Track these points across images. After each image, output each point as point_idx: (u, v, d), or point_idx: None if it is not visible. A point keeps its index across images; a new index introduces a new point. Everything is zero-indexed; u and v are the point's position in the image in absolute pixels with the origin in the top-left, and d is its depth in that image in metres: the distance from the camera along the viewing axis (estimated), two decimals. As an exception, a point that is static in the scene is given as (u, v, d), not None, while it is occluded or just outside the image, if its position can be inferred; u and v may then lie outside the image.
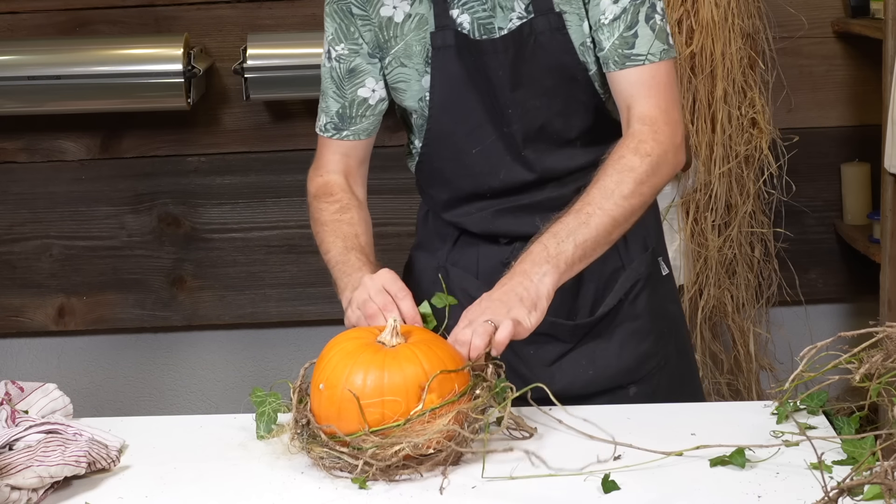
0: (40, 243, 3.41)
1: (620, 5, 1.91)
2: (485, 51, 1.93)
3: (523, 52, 1.92)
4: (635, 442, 1.66)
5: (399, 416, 1.59)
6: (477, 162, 1.98)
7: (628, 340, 2.01)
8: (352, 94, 2.01)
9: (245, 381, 3.47)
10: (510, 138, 1.95)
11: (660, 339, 2.05)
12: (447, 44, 1.93)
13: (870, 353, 1.61)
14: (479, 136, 1.96)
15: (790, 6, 3.28)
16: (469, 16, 1.93)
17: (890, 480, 1.33)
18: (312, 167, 2.09)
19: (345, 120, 2.03)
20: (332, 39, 2.00)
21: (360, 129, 2.04)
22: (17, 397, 1.78)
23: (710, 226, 3.21)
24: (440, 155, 2.00)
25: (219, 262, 3.42)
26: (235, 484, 1.61)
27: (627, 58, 1.91)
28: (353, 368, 1.62)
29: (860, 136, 3.36)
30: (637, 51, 1.91)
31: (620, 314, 2.01)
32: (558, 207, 1.91)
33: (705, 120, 3.16)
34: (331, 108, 2.03)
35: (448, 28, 1.93)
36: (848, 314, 3.51)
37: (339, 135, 2.04)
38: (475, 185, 1.99)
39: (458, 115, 1.96)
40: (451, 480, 1.59)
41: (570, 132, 1.97)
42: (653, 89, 1.91)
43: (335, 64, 2.01)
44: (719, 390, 3.31)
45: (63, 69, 3.15)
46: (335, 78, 2.02)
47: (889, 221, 2.92)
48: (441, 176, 2.03)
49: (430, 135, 1.99)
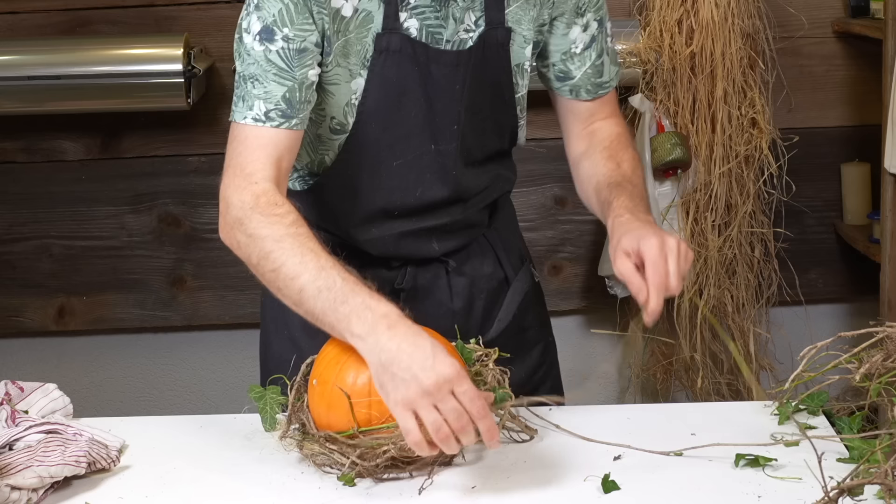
0: (40, 243, 3.41)
1: (589, 33, 1.91)
2: (443, 62, 1.82)
3: (477, 67, 1.84)
4: (635, 442, 1.66)
5: (387, 415, 1.59)
6: (395, 176, 1.85)
7: (520, 353, 1.98)
8: (302, 75, 1.74)
9: (245, 381, 3.47)
10: (439, 155, 1.85)
11: (545, 348, 2.06)
12: (392, 48, 1.78)
13: (870, 353, 1.61)
14: (404, 148, 1.84)
15: (790, 6, 3.28)
16: (418, 21, 1.79)
17: (890, 480, 1.33)
18: (232, 174, 1.74)
19: (293, 105, 1.74)
20: (277, 21, 1.74)
21: (305, 118, 1.77)
22: (17, 397, 1.78)
23: (710, 226, 3.21)
24: (357, 164, 1.85)
25: (219, 262, 3.42)
26: (235, 484, 1.61)
27: (600, 87, 1.95)
28: (344, 366, 1.62)
29: (860, 136, 3.36)
30: (605, 79, 1.95)
31: (511, 328, 1.99)
32: (457, 231, 1.92)
33: (705, 120, 3.16)
34: (273, 93, 1.73)
35: (395, 32, 1.78)
36: (848, 314, 3.51)
37: (288, 123, 1.74)
38: (387, 201, 1.86)
39: (388, 123, 1.82)
40: (452, 481, 1.59)
41: (483, 152, 1.92)
42: (615, 109, 2.00)
43: (282, 44, 1.73)
44: (719, 390, 3.31)
45: (63, 69, 3.15)
46: (280, 59, 1.73)
47: (889, 221, 2.92)
48: (350, 189, 1.86)
49: (351, 142, 1.83)
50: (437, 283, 1.96)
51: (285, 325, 1.95)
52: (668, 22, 3.12)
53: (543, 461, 1.64)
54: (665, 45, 3.12)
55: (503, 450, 1.67)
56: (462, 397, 1.50)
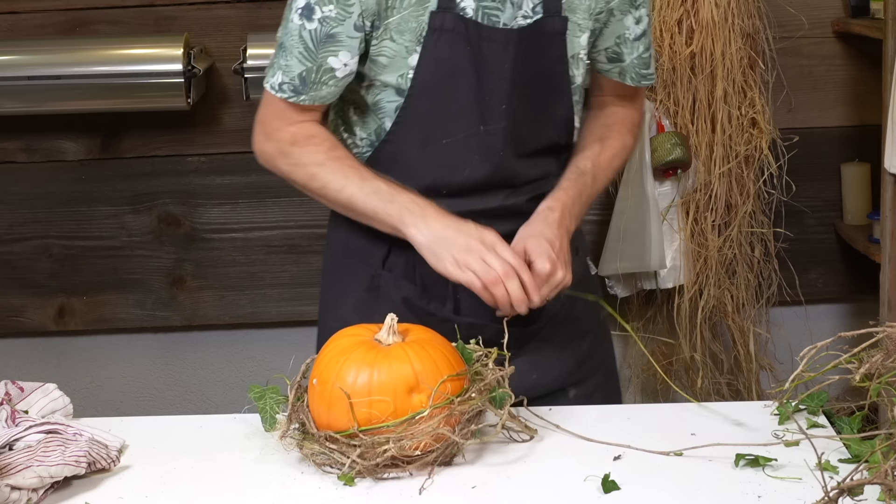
0: (40, 243, 3.41)
1: (641, 26, 1.98)
2: (494, 39, 1.87)
3: (530, 50, 1.89)
4: (635, 442, 1.66)
5: (387, 415, 1.59)
6: (444, 154, 1.91)
7: (567, 343, 2.02)
8: (322, 59, 1.86)
9: (245, 381, 3.47)
10: (487, 136, 1.90)
11: (596, 339, 2.08)
12: (446, 27, 1.85)
13: (870, 353, 1.61)
14: (454, 127, 1.90)
15: (790, 6, 3.28)
16: (475, 2, 1.86)
17: (890, 480, 1.33)
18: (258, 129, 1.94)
19: (306, 84, 1.88)
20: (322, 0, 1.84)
21: (319, 96, 1.90)
22: (17, 397, 1.78)
23: (710, 226, 3.21)
24: (408, 139, 1.91)
25: (219, 262, 3.42)
26: (235, 484, 1.61)
27: (644, 77, 2.05)
28: (344, 365, 1.63)
29: (860, 136, 3.36)
30: (650, 71, 2.05)
31: (560, 318, 2.01)
32: (506, 217, 1.92)
33: (705, 120, 3.16)
34: (292, 68, 1.87)
35: (450, 11, 1.84)
36: (848, 314, 3.51)
37: (296, 97, 1.89)
38: (436, 178, 1.91)
39: (438, 101, 1.89)
40: (451, 481, 1.59)
41: (538, 142, 1.96)
42: (643, 100, 2.15)
43: (316, 25, 1.84)
44: (719, 390, 3.31)
45: (63, 69, 3.15)
46: (310, 38, 1.85)
47: (889, 221, 2.92)
48: (402, 164, 1.93)
49: (403, 115, 1.90)
50: None
51: (339, 305, 2.03)
52: (668, 22, 3.12)
53: (543, 461, 1.64)
54: (665, 45, 3.12)
55: (503, 450, 1.67)
56: (504, 254, 1.79)
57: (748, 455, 1.60)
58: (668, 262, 3.20)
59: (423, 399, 1.61)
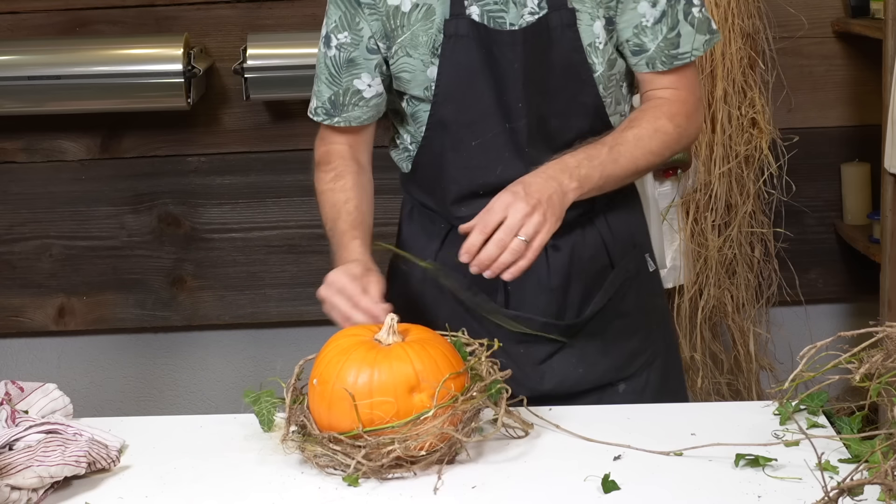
0: (40, 243, 3.41)
1: (659, 8, 1.94)
2: (501, 41, 1.91)
3: (537, 46, 1.91)
4: (635, 442, 1.66)
5: (390, 415, 1.59)
6: (475, 155, 1.96)
7: (617, 338, 2.02)
8: (347, 82, 2.01)
9: (245, 381, 3.47)
10: (512, 133, 1.94)
11: (648, 335, 2.06)
12: (460, 33, 1.91)
13: (870, 353, 1.61)
14: (482, 128, 1.95)
15: (790, 6, 3.28)
16: (479, 8, 1.91)
17: (890, 480, 1.33)
18: (318, 136, 2.11)
19: (336, 107, 2.03)
20: (335, 27, 1.98)
21: (352, 117, 2.03)
22: (17, 397, 1.78)
23: (710, 226, 3.21)
24: (440, 144, 1.98)
25: (219, 262, 3.42)
26: (235, 484, 1.61)
27: (675, 58, 1.97)
28: (345, 365, 1.63)
29: (860, 136, 3.36)
30: (682, 50, 1.97)
31: (609, 312, 2.01)
32: None
33: (705, 120, 3.16)
34: (322, 94, 2.03)
35: (462, 17, 1.91)
36: (848, 314, 3.51)
37: (330, 120, 2.04)
38: (471, 179, 1.97)
39: (464, 104, 1.95)
40: (451, 480, 1.59)
41: (569, 133, 1.97)
42: (690, 79, 2.01)
43: (335, 52, 2.00)
44: (719, 390, 3.31)
45: (63, 69, 3.15)
46: (332, 65, 2.01)
47: (889, 221, 2.92)
48: (437, 168, 2.00)
49: (432, 121, 1.97)
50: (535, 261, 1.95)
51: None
52: (668, 22, 3.12)
53: (543, 461, 1.64)
54: (665, 45, 3.12)
55: (503, 450, 1.67)
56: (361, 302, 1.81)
57: (748, 455, 1.60)
58: (668, 262, 3.20)
59: (424, 398, 1.61)
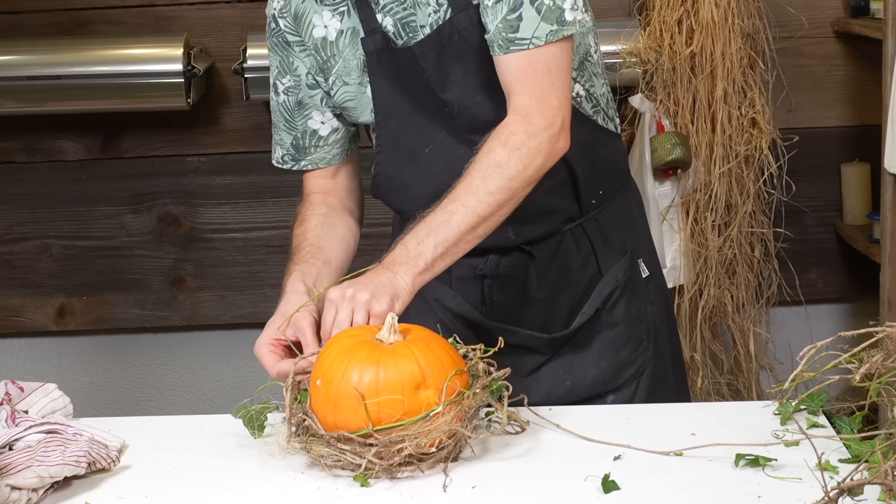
0: (40, 243, 3.41)
1: None
2: (410, 56, 1.88)
3: (449, 51, 1.87)
4: (635, 442, 1.66)
5: (400, 413, 1.59)
6: (431, 161, 1.92)
7: (605, 350, 1.99)
8: (302, 125, 2.01)
9: (245, 381, 3.48)
10: (460, 131, 1.90)
11: (638, 345, 2.02)
12: (379, 47, 1.89)
13: (870, 353, 1.61)
14: (429, 133, 1.91)
15: (790, 6, 3.28)
16: (391, 18, 1.88)
17: (890, 481, 1.33)
18: None
19: (300, 150, 2.03)
20: (278, 73, 1.99)
21: (317, 159, 2.03)
22: (17, 397, 1.77)
23: (710, 226, 3.21)
24: (395, 160, 1.95)
25: (219, 262, 3.42)
26: (235, 484, 1.61)
27: (512, 42, 1.81)
28: (349, 365, 1.62)
29: (860, 136, 3.36)
30: (521, 35, 1.80)
31: (598, 323, 1.98)
32: (536, 219, 1.91)
33: (705, 120, 3.16)
34: (285, 141, 2.03)
35: (377, 31, 1.89)
36: (848, 314, 3.51)
37: (298, 165, 2.04)
38: (435, 187, 1.86)
39: (403, 115, 1.92)
40: (452, 479, 1.59)
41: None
42: (529, 77, 1.81)
43: (283, 97, 2.00)
44: (719, 390, 3.31)
45: (63, 69, 3.15)
46: (284, 111, 2.01)
47: (889, 221, 2.92)
48: (399, 183, 1.96)
49: (381, 140, 1.95)
50: (520, 271, 1.96)
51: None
52: (668, 22, 3.12)
53: (543, 461, 1.64)
54: (665, 45, 3.13)
55: (503, 449, 1.67)
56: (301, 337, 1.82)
57: (748, 455, 1.60)
58: (668, 262, 3.20)
59: (431, 395, 1.60)
